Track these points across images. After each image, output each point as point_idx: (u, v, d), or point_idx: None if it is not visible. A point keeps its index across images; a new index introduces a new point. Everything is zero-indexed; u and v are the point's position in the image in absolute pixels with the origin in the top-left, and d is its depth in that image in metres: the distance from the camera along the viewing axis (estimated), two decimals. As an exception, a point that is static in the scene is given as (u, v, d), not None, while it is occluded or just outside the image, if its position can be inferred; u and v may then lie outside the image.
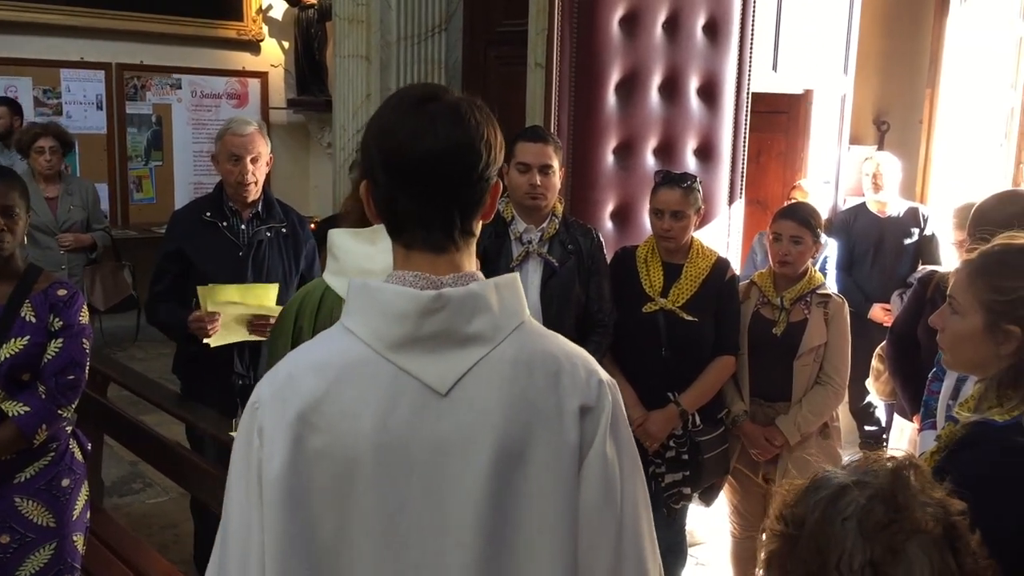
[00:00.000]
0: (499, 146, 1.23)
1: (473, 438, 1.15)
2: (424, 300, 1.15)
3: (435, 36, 4.94)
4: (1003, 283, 1.61)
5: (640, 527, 1.22)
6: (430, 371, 1.15)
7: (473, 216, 1.23)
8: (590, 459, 1.19)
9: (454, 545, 1.14)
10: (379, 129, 1.21)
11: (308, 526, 1.14)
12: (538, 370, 1.19)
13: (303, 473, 1.14)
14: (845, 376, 3.22)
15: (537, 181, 3.01)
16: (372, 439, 1.13)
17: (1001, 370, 1.61)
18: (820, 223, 3.21)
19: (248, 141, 3.21)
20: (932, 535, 1.10)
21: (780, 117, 5.42)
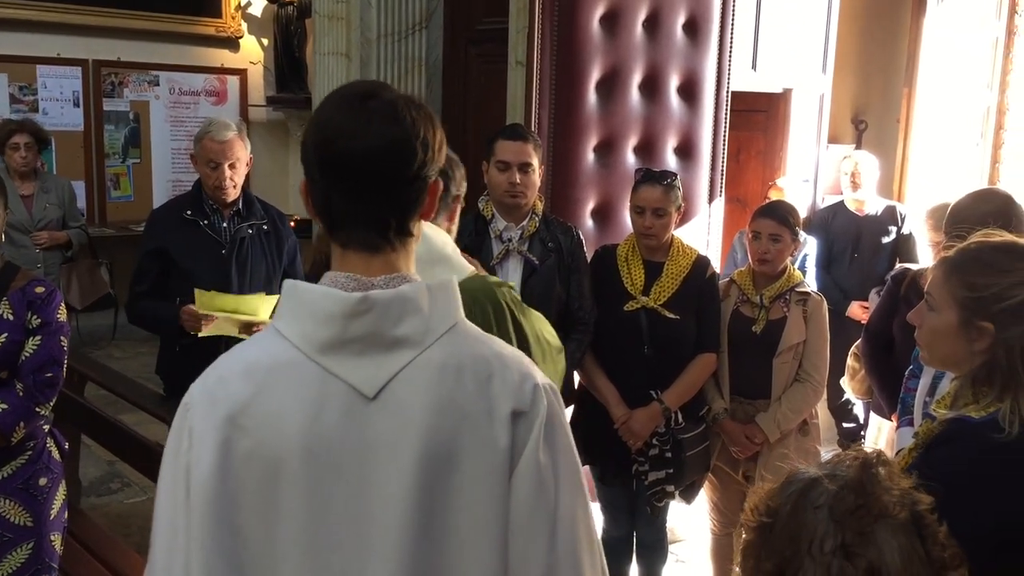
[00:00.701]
0: (438, 146, 1.21)
1: (399, 443, 1.13)
2: (350, 302, 1.14)
3: (415, 34, 4.92)
4: (976, 280, 1.63)
5: (576, 535, 1.19)
6: (358, 374, 1.14)
7: (410, 216, 1.21)
8: (522, 465, 1.16)
9: (379, 553, 1.12)
10: (315, 125, 1.20)
11: (234, 531, 1.12)
12: (468, 374, 1.17)
13: (231, 477, 1.12)
14: (824, 373, 3.24)
15: (517, 179, 3.01)
16: (298, 442, 1.12)
17: (975, 367, 1.63)
18: (798, 221, 3.24)
19: (227, 148, 3.19)
20: (899, 520, 1.12)
21: (759, 116, 5.45)
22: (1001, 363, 1.59)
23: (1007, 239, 1.69)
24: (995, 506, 1.52)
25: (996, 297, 1.60)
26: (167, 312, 3.15)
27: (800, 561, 1.12)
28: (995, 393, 1.60)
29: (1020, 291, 1.59)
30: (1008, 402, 1.57)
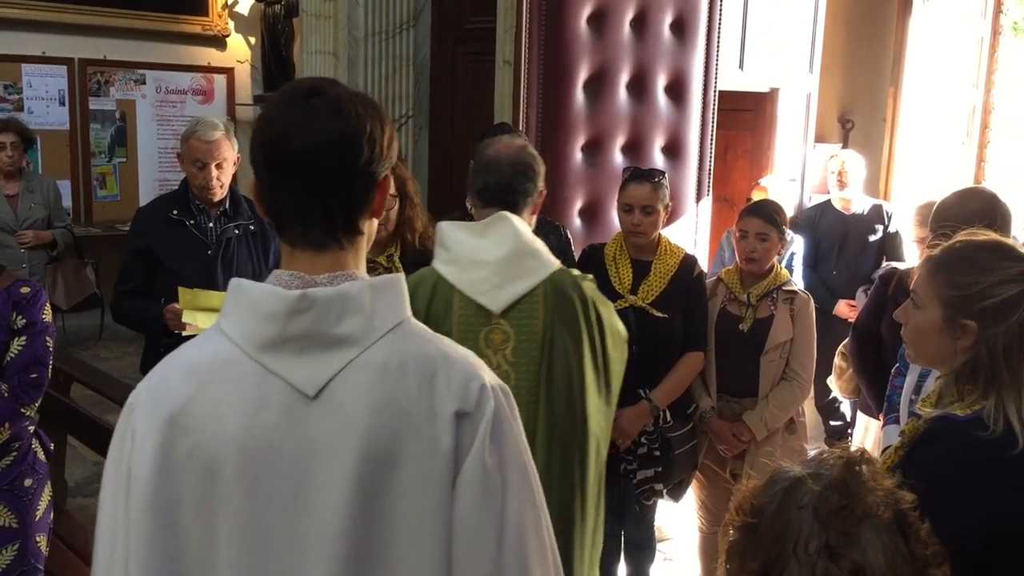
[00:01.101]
0: (387, 142, 1.20)
1: (339, 444, 1.11)
2: (290, 300, 1.13)
3: (403, 33, 4.92)
4: (960, 278, 1.64)
5: (525, 540, 1.16)
6: (298, 373, 1.13)
7: (358, 213, 1.20)
8: (467, 467, 1.14)
9: (317, 555, 1.11)
10: (260, 124, 1.19)
11: (174, 532, 1.12)
12: (411, 373, 1.14)
13: (170, 478, 1.12)
14: (810, 372, 3.26)
15: (505, 179, 3.00)
16: (237, 443, 1.11)
17: (960, 365, 1.64)
18: (785, 220, 3.25)
19: (214, 147, 3.18)
20: (883, 520, 1.13)
21: (746, 115, 5.47)
22: (984, 361, 1.60)
23: (991, 238, 1.70)
24: (980, 503, 1.53)
25: (979, 295, 1.61)
26: (151, 311, 3.14)
27: (785, 561, 1.12)
28: (979, 391, 1.61)
29: (1003, 289, 1.60)
30: (992, 400, 1.58)
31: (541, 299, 2.29)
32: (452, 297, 2.27)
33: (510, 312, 2.28)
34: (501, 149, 2.41)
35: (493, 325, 2.28)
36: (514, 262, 2.28)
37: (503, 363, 2.28)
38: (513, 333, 2.28)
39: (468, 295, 2.27)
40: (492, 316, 2.28)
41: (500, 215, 2.30)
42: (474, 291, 2.27)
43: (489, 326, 2.28)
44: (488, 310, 2.27)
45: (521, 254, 2.30)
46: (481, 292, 2.27)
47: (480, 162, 2.40)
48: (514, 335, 2.28)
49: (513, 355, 2.29)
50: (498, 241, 2.28)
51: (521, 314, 2.28)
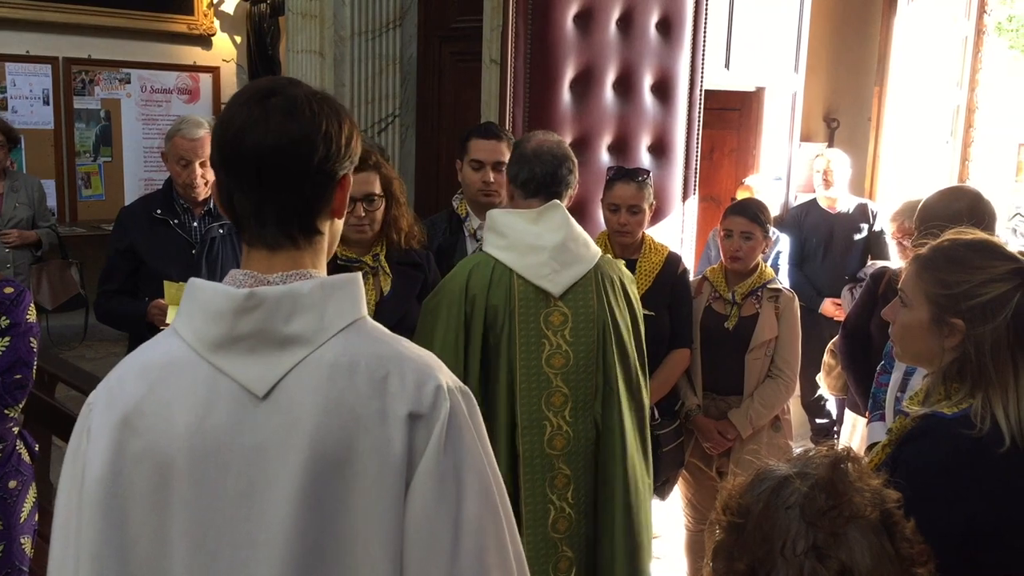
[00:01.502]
0: (346, 141, 1.19)
1: (288, 444, 1.10)
2: (237, 299, 1.12)
3: (389, 32, 4.90)
4: (948, 277, 1.65)
5: (483, 544, 1.13)
6: (248, 373, 1.12)
7: (315, 213, 1.19)
8: (420, 470, 1.12)
9: (267, 554, 1.10)
10: (218, 124, 1.19)
11: (124, 532, 1.12)
12: (361, 374, 1.13)
13: (122, 477, 1.12)
14: (795, 369, 3.27)
15: (491, 178, 3.02)
16: (186, 443, 1.11)
17: (947, 363, 1.65)
18: (769, 218, 3.27)
19: (198, 145, 3.17)
20: (870, 520, 1.13)
21: (733, 114, 5.49)
22: (971, 360, 1.61)
23: (978, 237, 1.71)
24: (965, 502, 1.54)
25: (966, 294, 1.62)
26: (135, 308, 3.12)
27: (772, 561, 1.12)
28: (966, 389, 1.62)
29: (990, 288, 1.60)
30: (979, 398, 1.59)
31: (593, 283, 2.46)
32: (512, 281, 2.39)
33: (567, 295, 2.43)
34: (544, 142, 2.52)
35: (552, 308, 2.42)
36: (569, 247, 2.44)
37: (563, 343, 2.42)
38: (571, 315, 2.43)
39: (528, 279, 2.40)
40: (551, 299, 2.42)
41: (553, 204, 2.44)
42: (534, 275, 2.40)
43: (548, 308, 2.42)
44: (548, 293, 2.41)
45: (574, 240, 2.46)
46: (542, 276, 2.40)
47: (523, 154, 2.49)
48: (571, 316, 2.43)
49: (571, 335, 2.43)
50: (552, 228, 2.42)
51: (577, 297, 2.44)
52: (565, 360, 2.42)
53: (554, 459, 2.41)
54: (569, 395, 2.42)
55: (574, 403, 2.43)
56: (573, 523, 2.42)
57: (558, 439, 2.42)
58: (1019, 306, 1.58)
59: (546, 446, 2.40)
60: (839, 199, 5.17)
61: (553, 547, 2.40)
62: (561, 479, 2.42)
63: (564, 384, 2.42)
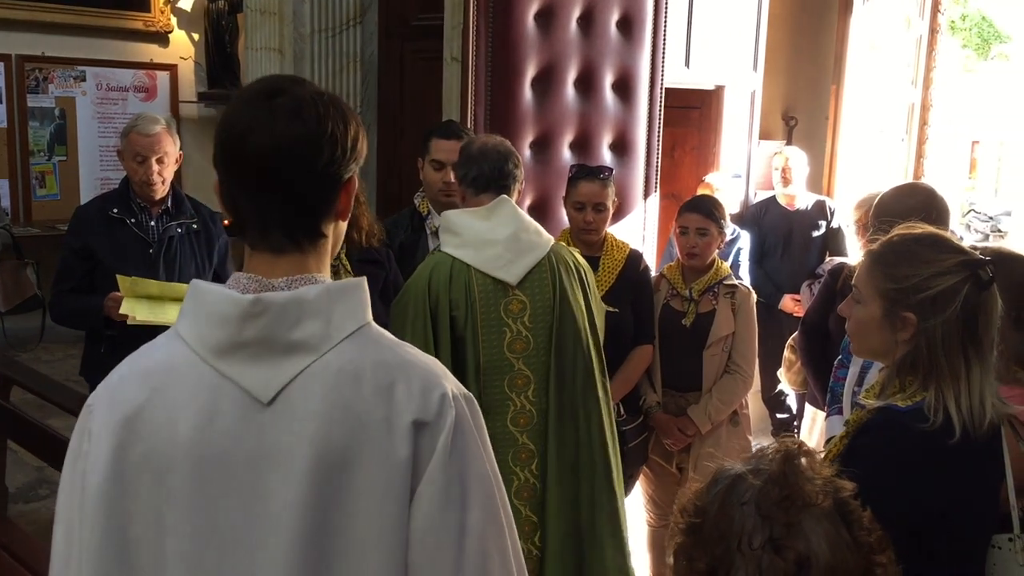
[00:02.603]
0: (351, 143, 1.17)
1: (292, 451, 1.09)
2: (243, 304, 1.11)
3: (350, 29, 4.87)
4: (897, 271, 1.68)
5: (487, 552, 1.13)
6: (252, 378, 1.11)
7: (320, 216, 1.18)
8: (426, 477, 1.11)
9: (270, 562, 1.09)
10: (222, 123, 1.17)
11: (125, 537, 1.11)
12: (367, 381, 1.12)
13: (123, 482, 1.11)
14: (753, 364, 3.31)
15: (451, 178, 3.01)
16: (188, 448, 1.10)
17: (900, 356, 1.68)
18: (724, 214, 3.30)
19: (154, 142, 3.13)
20: (823, 508, 1.14)
21: (693, 112, 5.52)
22: (923, 352, 1.64)
23: (928, 231, 1.74)
24: (917, 493, 1.56)
25: (916, 287, 1.64)
26: (91, 303, 3.07)
27: (731, 559, 1.13)
28: (919, 382, 1.64)
29: (940, 281, 1.63)
30: (932, 391, 1.62)
31: (548, 268, 2.60)
32: (470, 276, 2.53)
33: (524, 283, 2.57)
34: (487, 141, 2.69)
35: (511, 296, 2.57)
36: (520, 238, 2.59)
37: (523, 330, 2.57)
38: (529, 302, 2.58)
39: (485, 271, 2.54)
40: (509, 288, 2.56)
41: (501, 199, 2.58)
42: (491, 267, 2.54)
43: (507, 298, 2.56)
44: (505, 283, 2.55)
45: (525, 230, 2.61)
46: (498, 267, 2.55)
47: (469, 155, 2.65)
48: (530, 303, 2.57)
49: (530, 321, 2.58)
50: (503, 221, 2.56)
51: (533, 284, 2.59)
52: (526, 344, 2.57)
53: (518, 435, 2.58)
54: (532, 377, 2.58)
55: (537, 384, 2.58)
56: (537, 491, 2.59)
57: (521, 417, 2.59)
58: (968, 298, 1.61)
59: (510, 424, 2.58)
60: (797, 196, 5.23)
61: (517, 512, 2.54)
62: (525, 453, 2.59)
63: (526, 367, 2.58)
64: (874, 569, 1.13)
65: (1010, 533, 1.75)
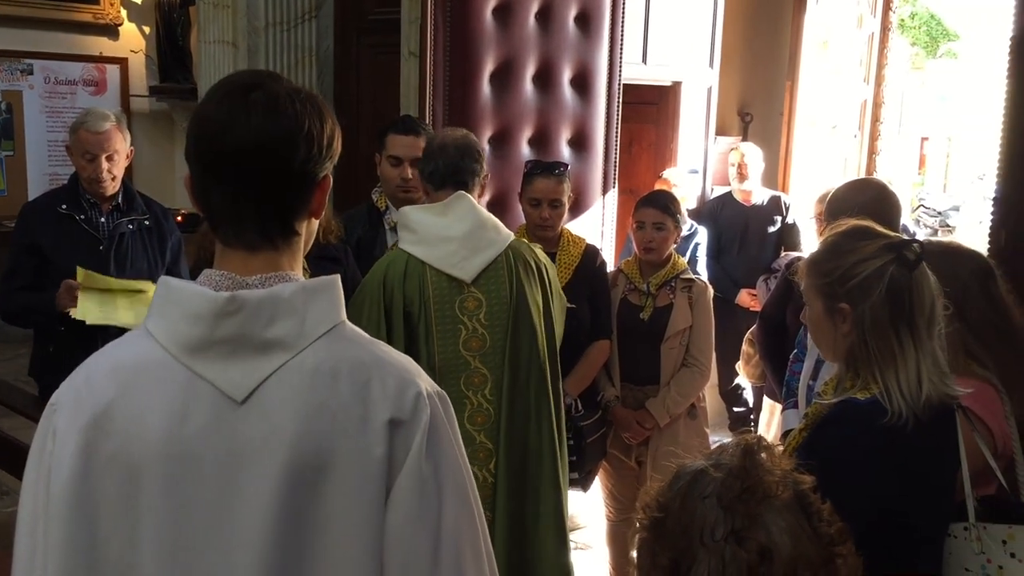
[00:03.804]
0: (328, 141, 1.17)
1: (267, 450, 1.08)
2: (218, 302, 1.09)
3: (305, 23, 4.82)
4: (827, 265, 1.72)
5: (461, 551, 1.14)
6: (226, 377, 1.09)
7: (295, 214, 1.17)
8: (402, 476, 1.11)
9: (243, 563, 1.08)
10: (196, 118, 1.15)
11: (93, 537, 1.09)
12: (344, 379, 1.11)
13: (91, 481, 1.09)
14: (710, 357, 3.34)
15: (409, 174, 2.99)
16: (160, 447, 1.08)
17: (846, 348, 1.70)
18: (679, 209, 3.33)
19: (104, 139, 3.06)
20: (783, 499, 1.16)
21: (650, 108, 5.55)
22: (860, 340, 1.67)
23: (852, 224, 1.77)
24: (874, 485, 1.58)
25: (844, 277, 1.68)
26: (43, 299, 3.00)
27: (694, 552, 1.14)
28: (869, 372, 1.67)
29: (865, 267, 1.66)
30: (878, 378, 1.64)
31: (504, 265, 2.57)
32: (425, 273, 2.52)
33: (479, 280, 2.55)
34: (447, 135, 2.66)
35: (466, 294, 2.55)
36: (477, 235, 2.56)
37: (479, 327, 2.56)
38: (485, 299, 2.56)
39: (440, 269, 2.52)
40: (464, 286, 2.54)
41: (458, 195, 2.55)
42: (445, 264, 2.52)
43: (463, 295, 2.55)
44: (460, 280, 2.53)
45: (482, 227, 2.58)
46: (452, 265, 2.52)
47: (429, 150, 2.63)
48: (485, 301, 2.56)
49: (486, 319, 2.56)
50: (459, 217, 2.54)
51: (489, 281, 2.57)
52: (482, 343, 2.56)
53: (475, 434, 2.57)
54: (488, 375, 2.57)
55: (494, 382, 2.57)
56: (493, 492, 2.58)
57: (479, 416, 2.58)
58: (893, 279, 1.64)
59: (467, 422, 2.55)
60: (753, 192, 5.28)
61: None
62: (482, 452, 2.58)
63: (483, 365, 2.57)
64: (835, 560, 1.14)
65: (966, 522, 1.78)
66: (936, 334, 1.68)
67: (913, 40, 18.24)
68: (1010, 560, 1.74)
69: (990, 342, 2.02)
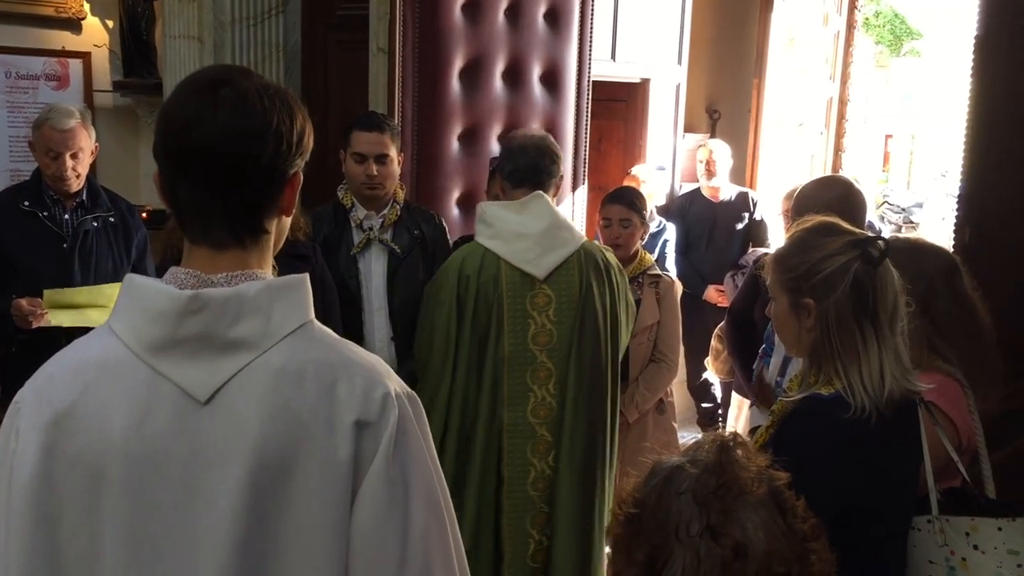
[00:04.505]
0: (298, 138, 1.15)
1: (231, 451, 1.07)
2: (181, 300, 1.08)
3: (272, 18, 4.77)
4: (792, 261, 1.74)
5: (429, 554, 1.12)
6: (190, 377, 1.08)
7: (264, 212, 1.15)
8: (369, 478, 1.09)
9: (206, 565, 1.07)
10: (163, 113, 1.14)
11: (55, 537, 1.08)
12: (309, 380, 1.10)
13: (53, 482, 1.08)
14: (677, 353, 3.35)
15: (374, 171, 2.97)
16: (123, 447, 1.07)
17: (810, 344, 1.72)
18: (646, 205, 3.35)
19: (68, 137, 3.02)
20: (758, 496, 1.17)
21: (619, 105, 5.57)
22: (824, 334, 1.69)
23: (819, 220, 1.79)
24: (840, 481, 1.60)
25: (809, 273, 1.69)
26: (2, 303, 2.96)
27: (670, 548, 1.14)
28: (833, 367, 1.68)
29: (829, 263, 1.68)
30: (841, 373, 1.66)
31: (576, 265, 2.67)
32: (499, 267, 2.62)
33: (551, 277, 2.64)
34: (527, 136, 2.77)
35: (537, 290, 2.64)
36: (552, 234, 2.65)
37: (547, 323, 2.65)
38: (555, 296, 2.65)
39: (514, 264, 2.62)
40: (536, 282, 2.64)
41: (536, 194, 2.65)
42: (519, 260, 2.62)
43: (534, 291, 2.64)
44: (533, 276, 2.63)
45: (557, 226, 2.68)
46: (526, 261, 2.62)
47: (510, 149, 2.74)
48: (555, 298, 2.65)
49: (555, 315, 2.65)
50: (536, 216, 2.63)
51: (560, 279, 2.66)
52: (549, 338, 2.65)
53: (536, 426, 2.66)
54: (554, 370, 2.66)
55: (558, 377, 2.66)
56: (551, 483, 2.68)
57: (542, 409, 2.67)
58: (857, 275, 1.66)
59: (529, 415, 2.65)
60: (721, 188, 5.32)
61: (531, 503, 2.68)
62: (543, 444, 2.67)
63: (548, 360, 2.65)
64: (808, 556, 1.15)
65: (929, 515, 1.80)
66: (899, 330, 1.70)
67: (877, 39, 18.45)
68: (973, 552, 1.77)
69: (954, 338, 2.05)
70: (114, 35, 7.43)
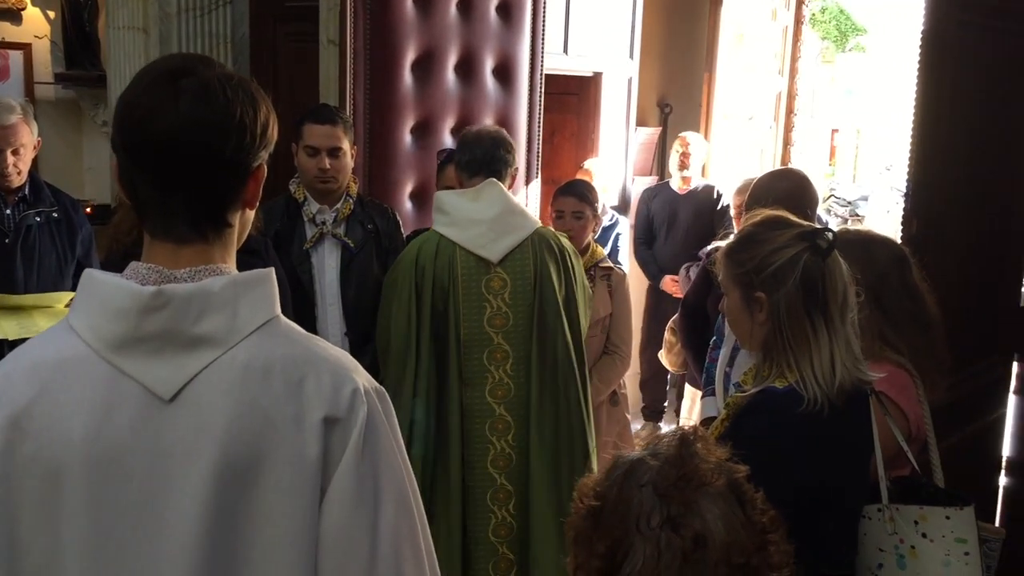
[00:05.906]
0: (261, 129, 1.12)
1: (196, 449, 1.05)
2: (144, 296, 1.05)
3: (219, 9, 4.69)
4: (743, 255, 1.75)
5: (400, 552, 1.11)
6: (153, 375, 1.05)
7: (227, 206, 1.13)
8: (338, 476, 1.08)
9: (171, 567, 1.04)
10: (121, 103, 1.10)
11: (13, 540, 1.04)
12: (276, 376, 1.08)
13: (11, 484, 1.04)
14: (630, 345, 3.37)
15: (327, 165, 2.94)
16: (83, 448, 1.04)
17: (763, 337, 1.73)
18: (597, 197, 3.36)
19: (10, 133, 2.95)
20: (717, 487, 1.18)
21: (572, 99, 5.58)
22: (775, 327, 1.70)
23: (768, 214, 1.81)
24: (795, 473, 1.62)
25: (759, 266, 1.71)
26: None
27: (631, 540, 1.15)
28: (786, 361, 1.70)
29: (779, 256, 1.70)
30: (793, 366, 1.68)
31: (530, 249, 2.75)
32: (455, 252, 2.71)
33: (505, 261, 2.73)
34: (482, 129, 2.91)
35: (492, 274, 2.73)
36: (505, 219, 2.74)
37: (503, 306, 2.73)
38: (509, 280, 2.73)
39: (469, 249, 2.71)
40: (491, 266, 2.72)
41: (489, 181, 2.74)
42: (474, 245, 2.71)
43: (489, 275, 2.73)
44: (487, 261, 2.71)
45: (511, 212, 2.77)
46: (480, 246, 2.71)
47: (465, 140, 2.83)
48: (510, 281, 2.73)
49: (510, 298, 2.73)
50: (489, 203, 2.72)
51: (515, 263, 2.74)
52: (505, 320, 2.73)
53: (495, 406, 2.74)
54: (510, 351, 2.73)
55: (515, 359, 2.73)
56: (512, 461, 2.76)
57: (499, 390, 2.75)
58: (808, 267, 1.68)
59: (488, 395, 2.73)
60: (693, 180, 5.39)
61: (491, 479, 2.77)
62: (501, 424, 2.75)
63: (505, 341, 2.74)
64: (767, 547, 1.16)
65: (879, 503, 1.83)
66: (849, 320, 1.73)
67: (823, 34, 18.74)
68: (922, 540, 1.80)
69: (904, 328, 2.08)
70: (56, 26, 7.24)
